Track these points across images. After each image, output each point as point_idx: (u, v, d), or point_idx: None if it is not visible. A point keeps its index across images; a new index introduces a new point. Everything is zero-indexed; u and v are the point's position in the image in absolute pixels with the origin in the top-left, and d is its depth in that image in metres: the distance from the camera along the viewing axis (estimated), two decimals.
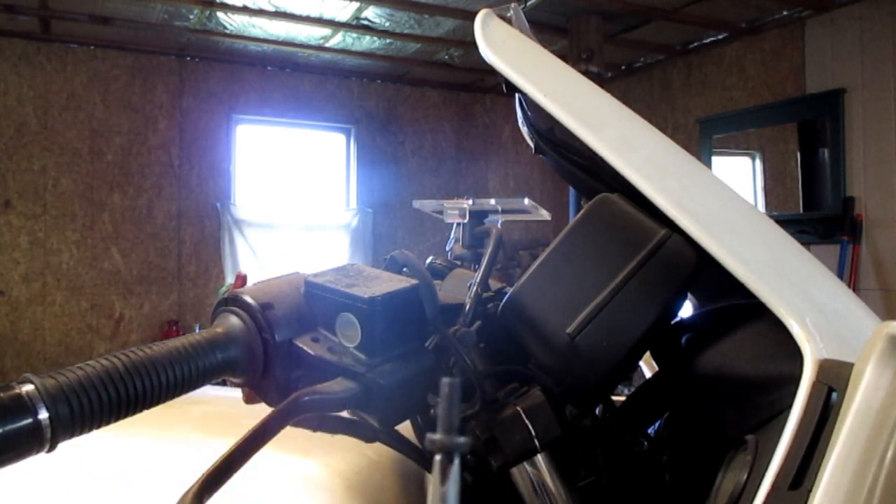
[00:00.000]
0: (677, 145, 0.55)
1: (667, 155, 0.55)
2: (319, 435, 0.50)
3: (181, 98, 5.31)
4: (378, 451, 0.78)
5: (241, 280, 4.96)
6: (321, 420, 0.50)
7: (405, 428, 0.52)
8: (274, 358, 0.45)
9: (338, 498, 0.73)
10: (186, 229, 5.39)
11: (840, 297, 0.49)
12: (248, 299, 0.45)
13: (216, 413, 0.94)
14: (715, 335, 0.58)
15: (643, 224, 0.54)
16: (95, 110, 5.01)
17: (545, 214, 0.94)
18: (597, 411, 0.63)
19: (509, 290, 0.56)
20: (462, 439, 0.28)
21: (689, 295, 0.68)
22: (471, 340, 0.51)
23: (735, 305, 0.58)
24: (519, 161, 6.51)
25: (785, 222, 4.38)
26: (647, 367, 0.82)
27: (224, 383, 0.49)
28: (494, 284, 0.63)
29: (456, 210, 0.88)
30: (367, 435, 0.52)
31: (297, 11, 4.44)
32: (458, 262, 0.77)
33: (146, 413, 0.38)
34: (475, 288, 0.57)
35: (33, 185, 4.88)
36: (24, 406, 0.33)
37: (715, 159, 5.34)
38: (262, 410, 0.43)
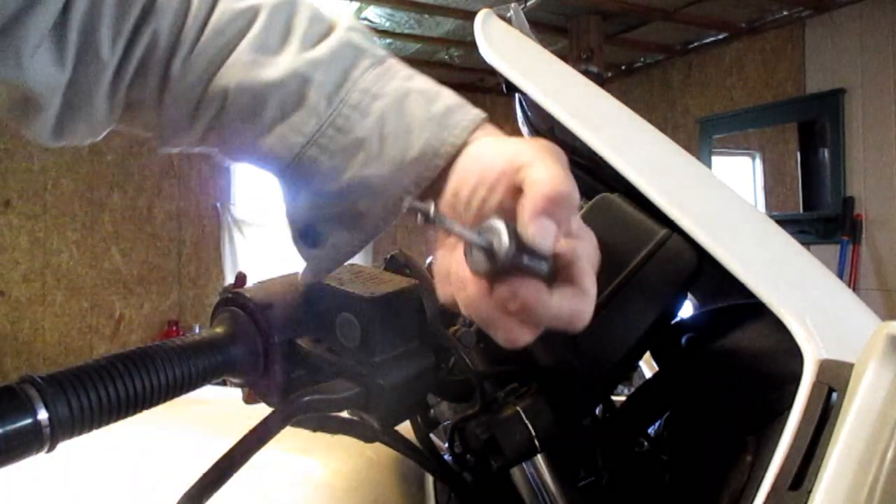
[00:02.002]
0: (677, 145, 0.55)
1: (667, 155, 0.55)
2: (319, 435, 0.50)
3: None
4: (378, 451, 0.78)
5: (241, 280, 4.97)
6: (321, 420, 0.50)
7: (405, 428, 0.52)
8: (274, 358, 0.45)
9: (338, 498, 0.73)
10: (186, 229, 5.39)
11: (840, 297, 0.49)
12: (248, 299, 0.45)
13: (216, 413, 0.94)
14: (715, 335, 0.58)
15: (643, 224, 0.54)
16: None
17: None
18: (597, 411, 0.63)
19: None
20: None
21: (689, 295, 0.68)
22: (471, 340, 0.51)
23: (735, 305, 0.58)
24: None
25: (785, 222, 4.38)
26: (647, 367, 0.82)
27: (224, 383, 0.49)
28: None
29: None
30: (367, 435, 0.52)
31: None
32: None
33: (146, 413, 0.38)
34: None
35: (33, 185, 4.88)
36: (23, 406, 0.33)
37: (715, 159, 5.34)
38: (262, 410, 0.43)
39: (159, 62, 0.45)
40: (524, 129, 0.75)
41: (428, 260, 0.74)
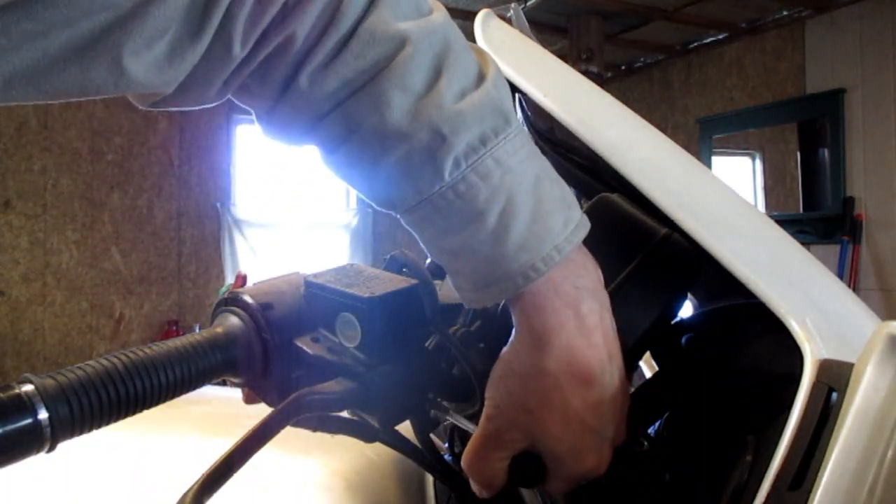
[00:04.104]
0: (677, 145, 0.55)
1: (667, 155, 0.55)
2: (319, 435, 0.50)
3: None
4: (378, 451, 0.78)
5: (241, 280, 4.97)
6: (321, 420, 0.50)
7: (405, 428, 0.52)
8: (274, 358, 0.45)
9: (338, 498, 0.74)
10: (186, 229, 5.39)
11: (840, 297, 0.49)
12: (248, 299, 0.45)
13: (216, 413, 0.94)
14: (715, 335, 0.58)
15: (643, 224, 0.54)
16: (95, 110, 5.01)
17: None
18: None
19: None
20: None
21: (689, 295, 0.68)
22: (471, 340, 0.51)
23: (735, 305, 0.58)
24: None
25: (785, 222, 4.38)
26: (647, 367, 0.81)
27: (224, 383, 0.49)
28: None
29: None
30: (367, 435, 0.52)
31: None
32: None
33: (146, 413, 0.38)
34: None
35: (33, 185, 4.88)
36: (23, 406, 0.33)
37: (715, 159, 5.34)
38: (262, 410, 0.43)
39: (287, 66, 0.42)
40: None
41: (428, 260, 0.74)
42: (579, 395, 0.43)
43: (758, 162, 5.29)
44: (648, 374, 0.79)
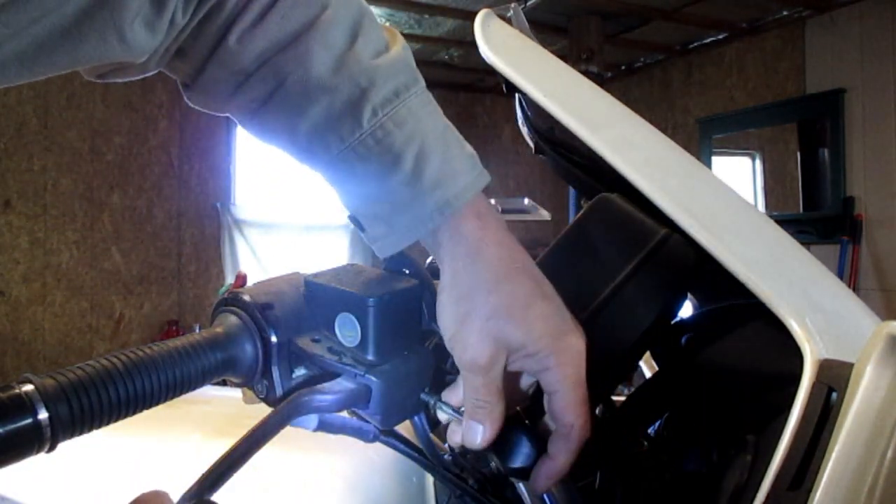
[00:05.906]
0: (677, 145, 0.55)
1: (667, 155, 0.55)
2: (319, 435, 0.50)
3: (181, 98, 5.28)
4: (378, 451, 0.78)
5: (241, 280, 4.97)
6: (321, 420, 0.50)
7: (405, 428, 0.52)
8: (274, 358, 0.45)
9: (338, 498, 0.74)
10: (186, 229, 5.39)
11: (840, 297, 0.49)
12: (248, 299, 0.45)
13: (216, 413, 0.94)
14: (715, 335, 0.58)
15: (643, 224, 0.54)
16: (95, 110, 5.01)
17: (545, 214, 0.93)
18: (597, 411, 0.63)
19: None
20: None
21: (689, 295, 0.68)
22: None
23: (735, 305, 0.58)
24: (519, 161, 6.51)
25: (785, 222, 4.37)
26: (647, 367, 0.82)
27: (224, 383, 0.49)
28: None
29: None
30: (367, 435, 0.52)
31: None
32: None
33: (146, 413, 0.38)
34: None
35: (33, 185, 4.88)
36: (23, 406, 0.33)
37: (715, 159, 5.34)
38: (262, 410, 0.43)
39: (218, 28, 0.45)
40: (524, 129, 0.75)
41: (428, 260, 0.74)
42: (509, 285, 0.45)
43: (758, 162, 5.28)
44: (648, 374, 0.79)
